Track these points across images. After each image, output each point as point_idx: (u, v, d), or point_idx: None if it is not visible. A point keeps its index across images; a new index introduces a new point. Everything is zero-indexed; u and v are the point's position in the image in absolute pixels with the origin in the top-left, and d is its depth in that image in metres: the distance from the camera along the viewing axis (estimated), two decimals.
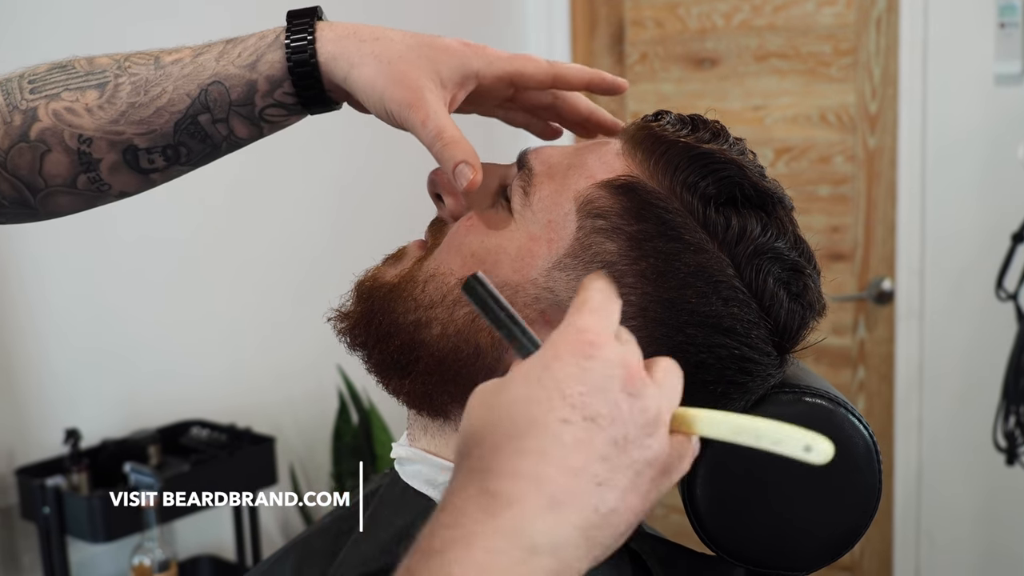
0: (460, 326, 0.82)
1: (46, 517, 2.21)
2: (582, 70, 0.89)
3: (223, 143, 0.88)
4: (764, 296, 0.81)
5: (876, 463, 0.86)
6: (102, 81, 0.85)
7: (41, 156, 0.86)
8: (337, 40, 0.83)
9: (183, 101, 0.85)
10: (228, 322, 2.74)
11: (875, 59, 2.86)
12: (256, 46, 0.85)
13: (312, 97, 0.85)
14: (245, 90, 0.85)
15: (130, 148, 0.86)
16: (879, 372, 2.97)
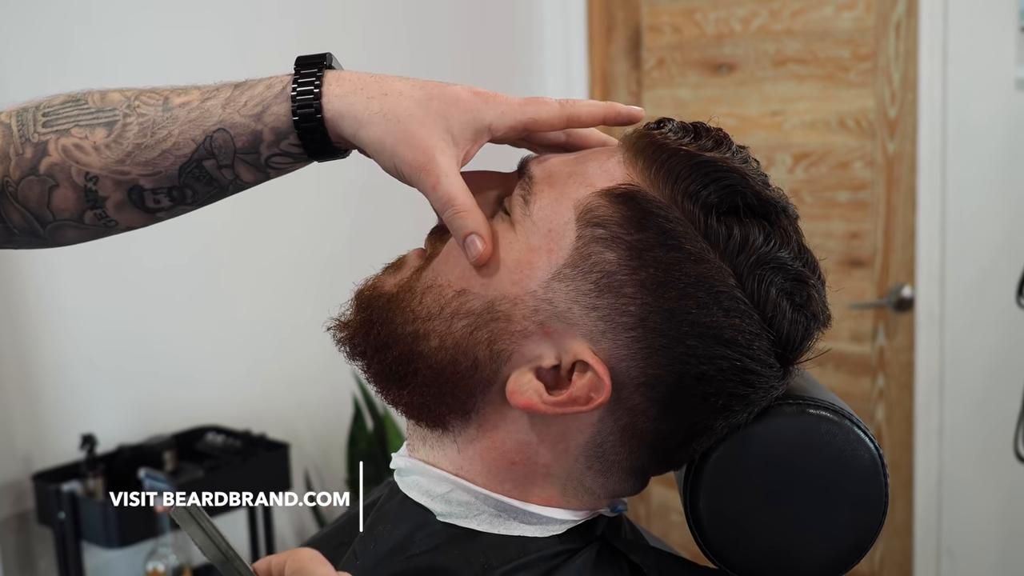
0: (458, 339, 0.82)
1: (62, 522, 2.22)
2: (595, 107, 0.87)
3: (229, 186, 0.88)
4: (766, 307, 0.79)
5: (882, 477, 0.85)
6: (111, 120, 0.85)
7: (49, 190, 0.86)
8: (344, 96, 0.83)
9: (188, 146, 0.84)
10: (245, 329, 2.75)
11: (894, 64, 2.84)
12: (263, 96, 0.84)
13: (318, 148, 0.85)
14: (250, 139, 0.84)
15: (135, 188, 0.86)
16: (899, 380, 2.95)
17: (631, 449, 0.84)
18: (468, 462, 0.85)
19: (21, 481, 2.35)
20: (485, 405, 0.83)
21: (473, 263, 0.81)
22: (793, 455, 0.85)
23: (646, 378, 0.79)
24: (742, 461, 0.85)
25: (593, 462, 0.84)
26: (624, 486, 0.87)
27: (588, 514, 0.87)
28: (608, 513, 0.88)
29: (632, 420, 0.82)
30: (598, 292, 0.79)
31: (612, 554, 0.87)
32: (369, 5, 2.93)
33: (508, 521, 0.84)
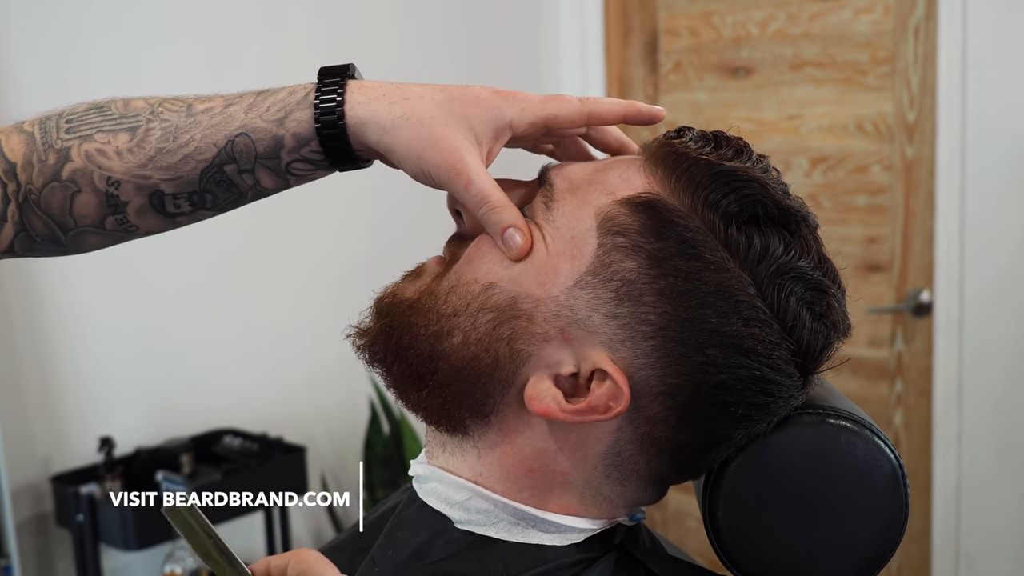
0: (481, 334, 0.82)
1: (80, 525, 2.23)
2: (615, 104, 0.87)
3: (249, 192, 0.88)
4: (786, 316, 0.79)
5: (902, 487, 0.84)
6: (134, 125, 0.86)
7: (72, 196, 0.86)
8: (367, 103, 0.83)
9: (210, 150, 0.85)
10: (263, 334, 2.75)
11: (913, 67, 2.83)
12: (285, 102, 0.85)
13: (339, 156, 0.85)
14: (271, 144, 0.85)
15: (156, 193, 0.86)
16: (917, 385, 2.94)
17: (649, 458, 0.83)
18: (487, 469, 0.85)
19: (40, 483, 2.36)
20: (504, 408, 0.83)
21: (513, 257, 0.82)
22: (813, 465, 0.84)
23: (665, 387, 0.79)
24: (761, 471, 0.84)
25: (611, 470, 0.84)
26: (643, 495, 0.87)
27: (606, 523, 0.87)
28: (626, 522, 0.88)
29: (651, 429, 0.81)
30: (618, 300, 0.79)
31: (630, 563, 0.87)
32: (386, 14, 2.94)
33: (526, 529, 0.84)
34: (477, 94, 0.84)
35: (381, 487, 2.74)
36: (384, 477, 2.75)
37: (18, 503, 2.31)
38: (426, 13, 3.03)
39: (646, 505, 0.89)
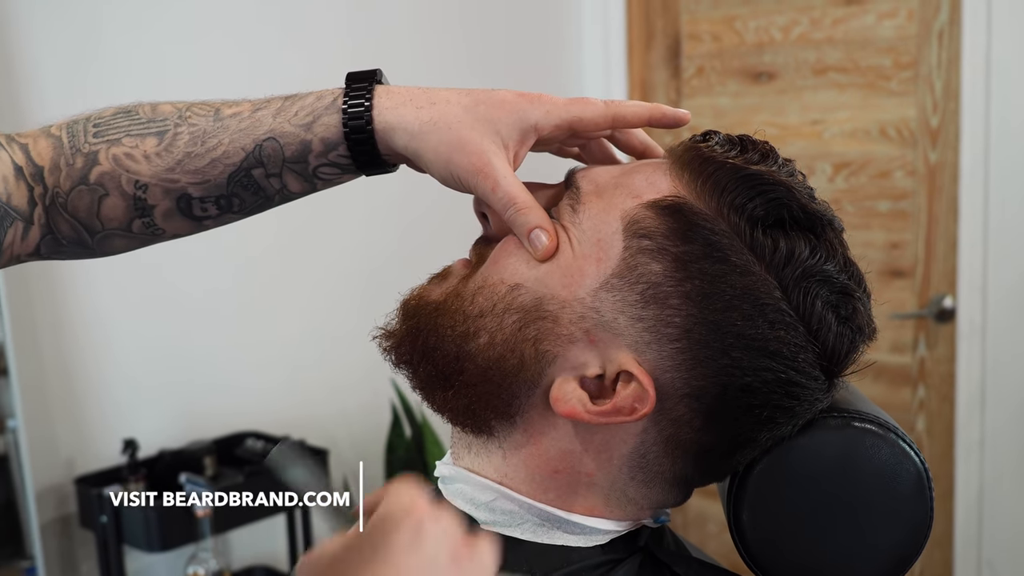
0: (508, 334, 0.82)
1: (103, 526, 2.24)
2: (640, 107, 0.88)
3: (276, 196, 0.89)
4: (812, 319, 0.79)
5: (927, 492, 0.84)
6: (162, 129, 0.87)
7: (99, 200, 0.87)
8: (394, 108, 0.84)
9: (238, 154, 0.86)
10: (286, 338, 2.76)
11: (936, 72, 2.82)
12: (313, 106, 0.86)
13: (367, 161, 0.86)
14: (299, 149, 0.86)
15: (184, 196, 0.87)
16: (940, 391, 2.93)
17: (674, 460, 0.84)
18: (513, 470, 0.85)
19: (64, 485, 2.37)
20: (530, 409, 0.83)
21: (539, 257, 0.82)
22: (837, 468, 0.84)
23: (690, 389, 0.80)
24: (786, 474, 0.85)
25: (636, 472, 0.84)
26: (667, 497, 0.87)
27: (631, 524, 0.87)
28: (651, 524, 0.88)
29: (676, 431, 0.82)
30: (644, 303, 0.79)
31: (655, 565, 0.87)
32: (408, 16, 2.94)
33: (551, 530, 0.85)
34: (503, 97, 0.85)
35: None
36: None
37: (42, 504, 2.32)
38: (448, 18, 3.04)
39: (671, 507, 0.90)
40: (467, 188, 0.84)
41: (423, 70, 2.90)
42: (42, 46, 2.25)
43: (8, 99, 2.21)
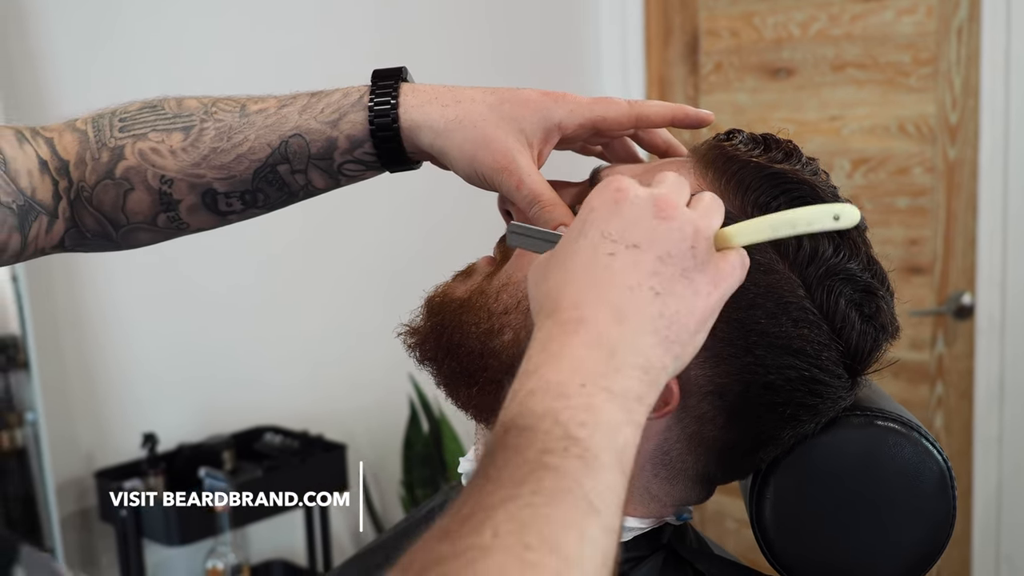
0: (532, 332, 0.82)
1: (123, 519, 2.24)
2: (663, 107, 0.88)
3: (300, 191, 0.90)
4: (835, 318, 0.80)
5: (950, 490, 0.84)
6: (188, 124, 0.87)
7: (125, 194, 0.88)
8: (420, 107, 0.85)
9: (264, 150, 0.86)
10: (304, 333, 2.77)
11: (956, 69, 2.81)
12: (339, 104, 0.86)
13: (392, 159, 0.87)
14: (325, 145, 0.86)
15: (209, 191, 0.88)
16: (958, 388, 2.92)
17: (698, 457, 0.84)
18: None
19: (84, 479, 2.38)
20: None
21: None
22: (860, 466, 0.84)
23: (714, 387, 0.80)
24: (809, 472, 0.85)
25: (660, 469, 0.84)
26: (690, 494, 0.87)
27: (654, 522, 0.87)
28: (674, 521, 0.89)
29: (699, 428, 0.82)
30: None
31: (678, 562, 0.87)
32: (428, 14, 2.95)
33: None
34: (527, 96, 0.85)
35: (420, 486, 2.76)
36: (423, 476, 2.76)
37: (63, 498, 2.33)
38: (468, 14, 3.04)
39: (693, 504, 0.90)
40: (491, 186, 0.85)
41: (443, 64, 2.91)
42: (57, 24, 2.25)
43: (26, 77, 2.21)
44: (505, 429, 0.60)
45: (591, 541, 0.54)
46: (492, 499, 0.54)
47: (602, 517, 0.56)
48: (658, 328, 0.65)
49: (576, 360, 0.62)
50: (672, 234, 0.68)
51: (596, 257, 0.67)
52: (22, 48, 2.20)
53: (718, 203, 0.73)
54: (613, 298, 0.65)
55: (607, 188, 0.70)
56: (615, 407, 0.61)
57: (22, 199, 0.86)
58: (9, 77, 2.17)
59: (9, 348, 2.32)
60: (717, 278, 0.69)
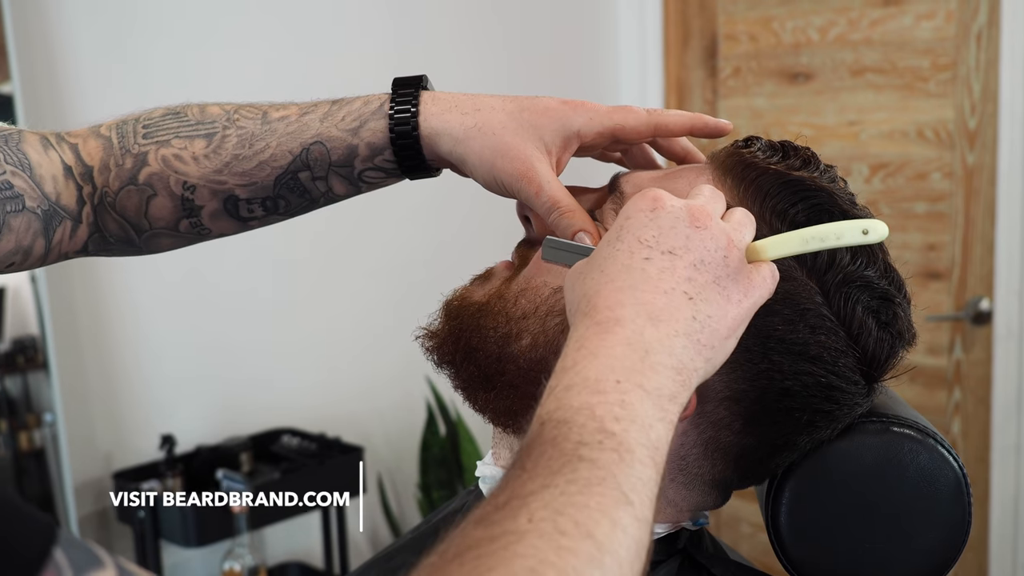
0: (551, 336, 0.83)
1: (141, 521, 2.26)
2: (682, 116, 0.89)
3: (321, 198, 0.91)
4: (852, 324, 0.80)
5: (966, 497, 0.84)
6: (211, 131, 0.88)
7: (147, 200, 0.89)
8: (440, 115, 0.85)
9: (285, 157, 0.87)
10: (322, 335, 2.78)
11: (975, 74, 2.81)
12: (360, 112, 0.87)
13: (412, 166, 0.87)
14: (346, 153, 0.87)
15: (231, 198, 0.89)
16: (976, 394, 2.91)
17: (714, 462, 0.84)
18: None
19: (102, 479, 2.39)
20: None
21: None
22: (876, 473, 0.84)
23: (731, 392, 0.80)
24: (825, 478, 0.85)
25: (676, 474, 0.84)
26: (707, 499, 0.88)
27: (671, 527, 0.87)
28: (690, 526, 0.89)
29: (716, 433, 0.82)
30: None
31: (694, 567, 0.88)
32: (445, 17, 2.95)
33: None
34: (547, 104, 0.85)
35: (437, 488, 2.76)
36: (440, 478, 2.76)
37: (81, 499, 2.34)
38: (485, 18, 3.05)
39: (709, 510, 0.90)
40: (511, 193, 0.85)
41: (460, 68, 2.91)
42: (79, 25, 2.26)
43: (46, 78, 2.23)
44: (541, 423, 0.61)
45: (623, 529, 0.56)
46: (528, 488, 0.56)
47: (635, 508, 0.57)
48: (691, 331, 0.67)
49: (612, 358, 0.64)
50: (706, 242, 0.70)
51: (632, 261, 0.69)
52: (44, 50, 2.21)
53: (750, 218, 0.76)
54: (648, 300, 0.67)
55: (643, 198, 0.72)
56: (649, 404, 0.63)
57: (47, 204, 0.87)
58: (31, 79, 2.18)
59: (28, 349, 2.34)
60: (748, 288, 0.71)
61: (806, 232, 0.75)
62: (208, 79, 2.43)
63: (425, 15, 2.89)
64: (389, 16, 2.81)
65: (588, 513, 0.55)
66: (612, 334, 0.65)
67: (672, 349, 0.66)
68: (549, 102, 0.86)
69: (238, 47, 2.52)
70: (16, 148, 0.86)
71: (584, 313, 0.68)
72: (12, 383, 2.37)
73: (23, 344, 2.34)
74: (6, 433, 2.33)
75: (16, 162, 0.85)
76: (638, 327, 0.66)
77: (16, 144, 0.87)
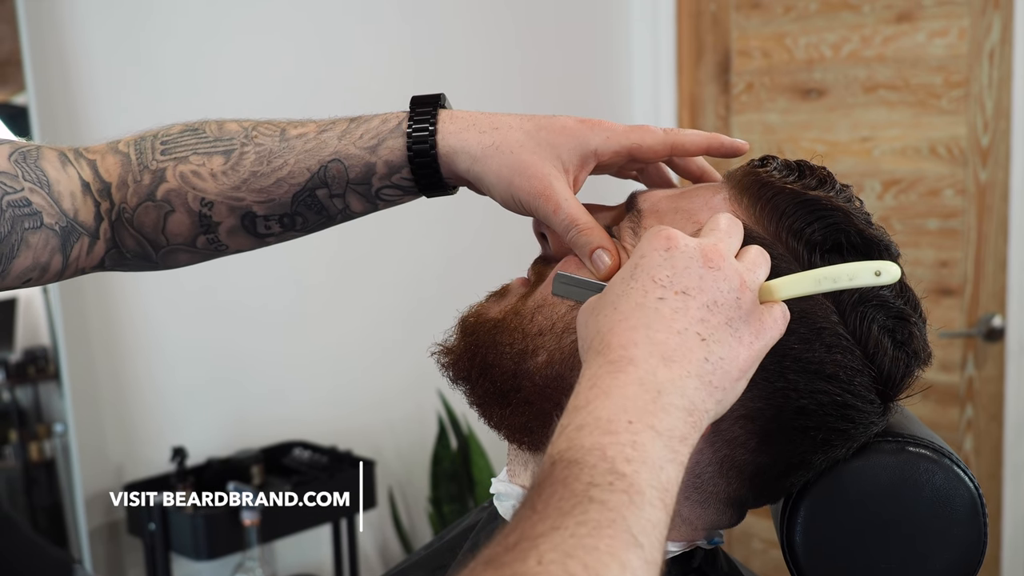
0: (566, 354, 0.83)
1: (152, 533, 2.26)
2: (698, 136, 0.89)
3: (338, 215, 0.91)
4: (868, 344, 0.80)
5: (981, 517, 0.84)
6: (229, 148, 0.89)
7: (165, 216, 0.89)
8: (458, 133, 0.86)
9: (303, 175, 0.88)
10: (334, 348, 2.78)
11: (987, 91, 2.81)
12: (378, 130, 0.88)
13: (429, 184, 0.88)
14: (363, 171, 0.87)
15: (248, 214, 0.89)
16: (988, 411, 2.90)
17: (729, 481, 0.84)
18: None
19: (113, 491, 2.39)
20: None
21: (602, 276, 0.83)
22: (892, 492, 0.84)
23: (746, 411, 0.80)
24: (840, 497, 0.85)
25: (692, 492, 0.84)
26: (722, 518, 0.87)
27: (685, 545, 0.87)
28: (705, 545, 0.89)
29: (731, 452, 0.82)
30: None
31: None
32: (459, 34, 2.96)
33: None
34: (564, 124, 0.86)
35: (448, 502, 2.76)
36: (451, 492, 2.76)
37: (91, 510, 2.35)
38: (499, 34, 3.05)
39: (724, 528, 0.90)
40: (529, 211, 0.86)
41: (474, 85, 2.92)
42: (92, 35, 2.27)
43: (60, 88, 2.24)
44: (552, 462, 0.61)
45: (633, 572, 0.56)
46: (538, 529, 0.56)
47: (644, 551, 0.57)
48: (703, 372, 0.68)
49: (625, 398, 0.64)
50: (719, 284, 0.71)
51: (646, 300, 0.70)
52: (59, 61, 2.22)
53: (764, 256, 0.76)
54: (662, 340, 0.67)
55: (658, 236, 0.73)
56: (660, 445, 0.63)
57: (65, 221, 0.87)
58: (46, 89, 2.19)
59: (39, 359, 2.34)
60: (760, 330, 0.72)
61: (819, 273, 0.75)
62: (221, 87, 2.43)
63: (439, 30, 2.90)
64: (406, 31, 2.82)
65: (598, 556, 0.55)
66: (625, 373, 0.66)
67: (684, 390, 0.66)
68: (567, 121, 0.86)
69: (250, 55, 2.52)
70: (35, 165, 0.87)
71: (597, 351, 0.68)
72: (23, 393, 2.37)
73: (34, 355, 2.35)
74: (16, 443, 2.33)
75: (35, 179, 0.86)
76: (651, 367, 0.66)
77: (35, 161, 0.87)
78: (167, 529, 2.26)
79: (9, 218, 0.83)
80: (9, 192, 0.84)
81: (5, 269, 0.84)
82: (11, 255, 0.84)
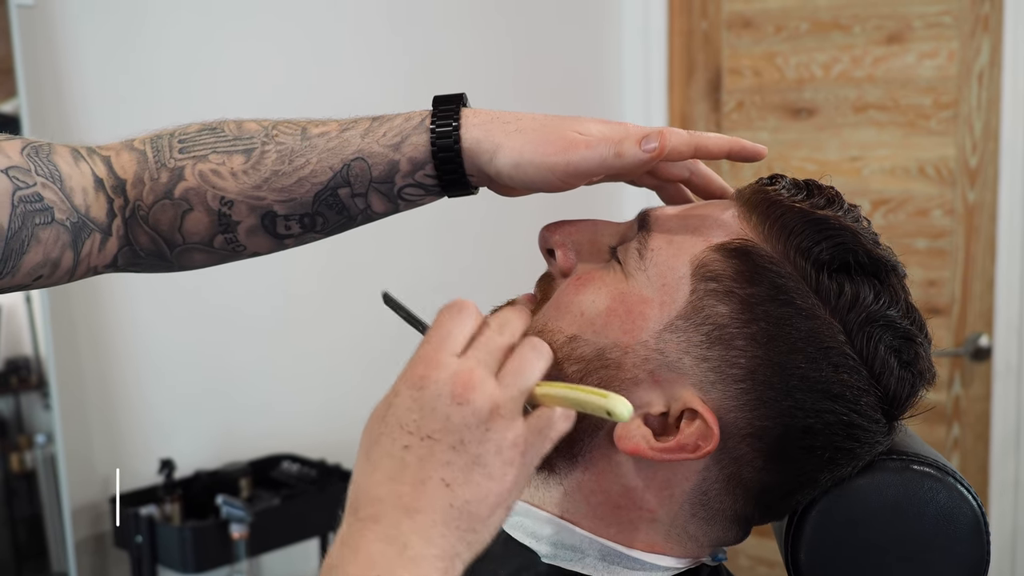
0: (571, 382, 0.83)
1: (139, 546, 2.24)
2: (721, 139, 0.88)
3: (359, 216, 0.91)
4: (875, 364, 0.80)
5: (984, 536, 0.85)
6: (249, 147, 0.88)
7: (183, 214, 0.89)
8: (481, 125, 0.86)
9: (325, 174, 0.87)
10: (322, 361, 2.77)
11: (976, 113, 2.83)
12: (402, 127, 0.87)
13: (452, 181, 0.87)
14: (387, 169, 0.87)
15: (269, 214, 0.89)
16: (974, 430, 2.92)
17: (735, 498, 0.84)
18: (574, 505, 0.86)
19: (99, 504, 2.38)
20: (592, 449, 0.84)
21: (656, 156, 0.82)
22: (896, 510, 0.85)
23: (753, 429, 0.80)
24: (845, 515, 0.85)
25: (698, 509, 0.85)
26: (727, 535, 0.88)
27: (691, 562, 0.87)
28: (710, 562, 0.89)
29: (737, 469, 0.83)
30: (709, 344, 0.80)
31: None
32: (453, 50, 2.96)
33: (612, 566, 0.85)
34: (587, 121, 0.86)
35: None
36: None
37: (78, 522, 2.33)
38: (490, 50, 3.06)
39: (729, 545, 0.90)
40: (558, 172, 0.84)
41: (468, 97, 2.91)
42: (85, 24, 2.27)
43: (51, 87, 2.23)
44: None
45: None
46: None
47: None
48: (448, 519, 0.67)
49: (371, 555, 0.65)
50: (467, 419, 0.69)
51: (394, 449, 0.69)
52: (50, 68, 2.22)
53: (537, 351, 0.73)
54: (406, 492, 0.67)
55: (413, 373, 0.72)
56: None
57: (76, 216, 0.87)
58: (38, 96, 2.19)
59: (22, 369, 2.33)
60: (512, 455, 0.70)
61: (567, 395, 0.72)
62: (213, 95, 2.42)
63: (431, 44, 2.90)
64: (399, 37, 2.82)
65: None
66: (370, 531, 0.66)
67: (431, 539, 0.66)
68: (588, 119, 0.86)
69: (243, 64, 2.52)
70: (47, 159, 0.86)
71: (351, 510, 0.69)
72: (4, 404, 2.36)
73: (16, 364, 2.34)
74: None
75: (47, 174, 0.85)
76: (394, 520, 0.66)
77: (47, 155, 0.87)
78: (154, 542, 2.24)
79: (20, 213, 0.83)
80: (21, 187, 0.83)
81: (16, 265, 0.84)
82: (21, 251, 0.83)
